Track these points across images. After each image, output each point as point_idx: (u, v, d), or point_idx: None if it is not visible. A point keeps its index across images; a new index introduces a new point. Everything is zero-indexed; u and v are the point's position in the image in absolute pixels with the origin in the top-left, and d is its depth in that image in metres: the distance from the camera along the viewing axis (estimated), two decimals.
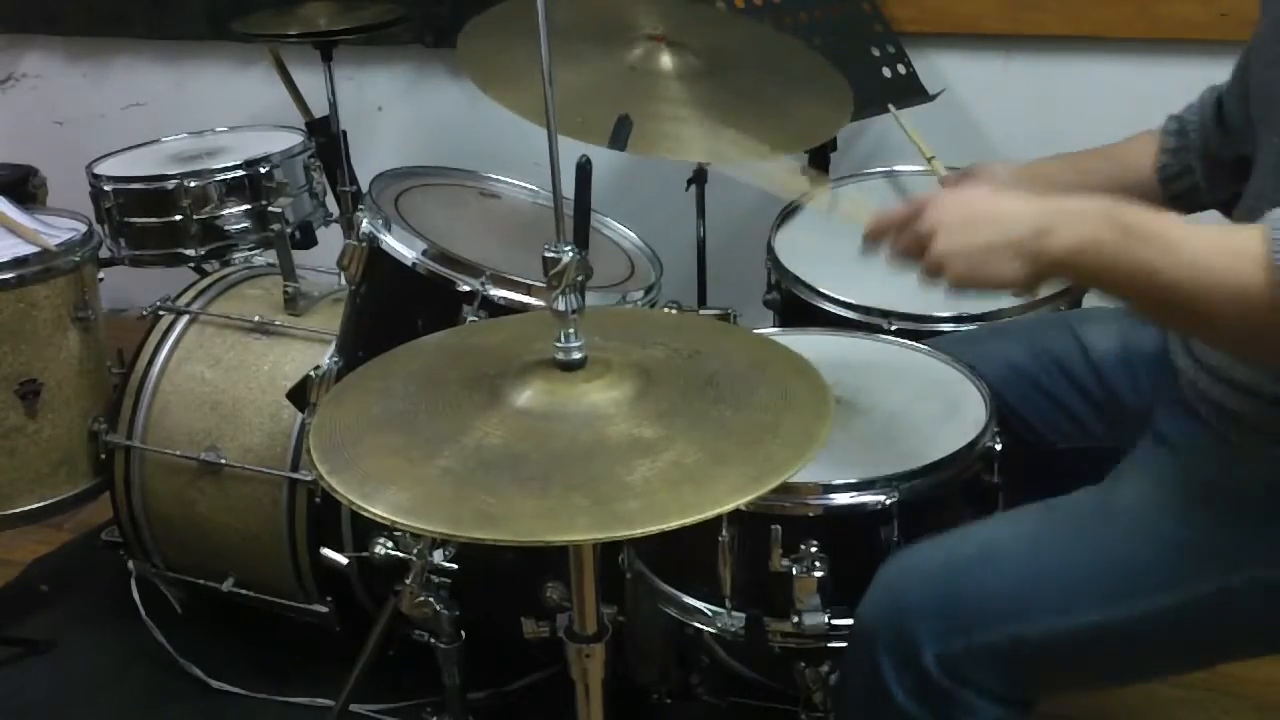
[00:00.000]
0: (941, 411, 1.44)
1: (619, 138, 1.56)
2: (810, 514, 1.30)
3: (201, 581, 2.03)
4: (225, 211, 2.20)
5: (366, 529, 1.67)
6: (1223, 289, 1.02)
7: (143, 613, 2.10)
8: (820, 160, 2.25)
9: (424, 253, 1.67)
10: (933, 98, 2.21)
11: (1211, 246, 1.04)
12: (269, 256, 2.21)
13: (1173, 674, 1.40)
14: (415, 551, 1.55)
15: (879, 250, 1.24)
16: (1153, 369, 1.40)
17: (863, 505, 1.29)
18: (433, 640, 1.62)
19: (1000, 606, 1.17)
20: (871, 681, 1.20)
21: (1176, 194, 1.44)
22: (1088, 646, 1.17)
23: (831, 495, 1.30)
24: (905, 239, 1.19)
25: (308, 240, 2.35)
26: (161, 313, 2.05)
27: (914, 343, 1.59)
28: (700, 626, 1.38)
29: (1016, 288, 1.14)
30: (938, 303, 1.69)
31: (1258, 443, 1.22)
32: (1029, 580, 1.19)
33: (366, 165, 2.35)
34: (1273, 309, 1.00)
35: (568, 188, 1.23)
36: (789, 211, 1.98)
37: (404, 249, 1.68)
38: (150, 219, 2.21)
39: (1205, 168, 1.42)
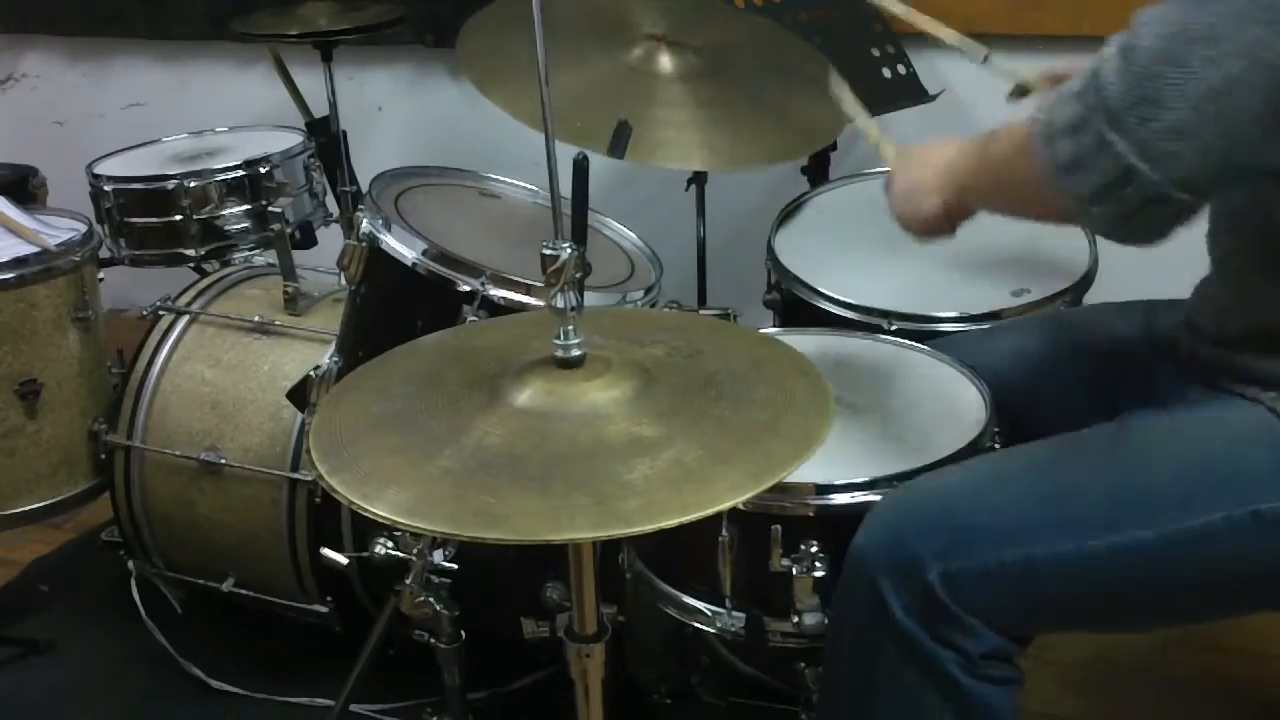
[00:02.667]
0: (941, 411, 1.44)
1: (618, 145, 1.55)
2: (810, 514, 1.30)
3: (201, 581, 2.03)
4: (225, 211, 2.21)
5: (366, 529, 1.67)
6: (1014, 151, 1.17)
7: (143, 613, 2.10)
8: (820, 162, 2.25)
9: (424, 253, 1.67)
10: (933, 98, 2.21)
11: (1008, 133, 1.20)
12: (269, 256, 2.21)
13: (1175, 621, 1.40)
14: (415, 551, 1.55)
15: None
16: (1165, 356, 1.40)
17: (863, 505, 1.29)
18: (433, 640, 1.62)
19: (1010, 528, 1.18)
20: (869, 603, 1.19)
21: None
22: (1093, 572, 1.16)
23: (831, 495, 1.30)
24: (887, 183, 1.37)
25: (308, 240, 2.35)
26: (161, 313, 2.05)
27: (914, 343, 1.59)
28: (700, 626, 1.38)
29: (939, 223, 1.30)
30: (938, 303, 1.70)
31: (1253, 391, 1.22)
32: (1037, 502, 1.19)
33: (366, 165, 2.35)
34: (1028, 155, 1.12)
35: (566, 187, 1.23)
36: (789, 211, 1.99)
37: (404, 249, 1.68)
38: (150, 219, 2.21)
39: None
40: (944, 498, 1.22)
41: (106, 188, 2.22)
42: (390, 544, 1.56)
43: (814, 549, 1.27)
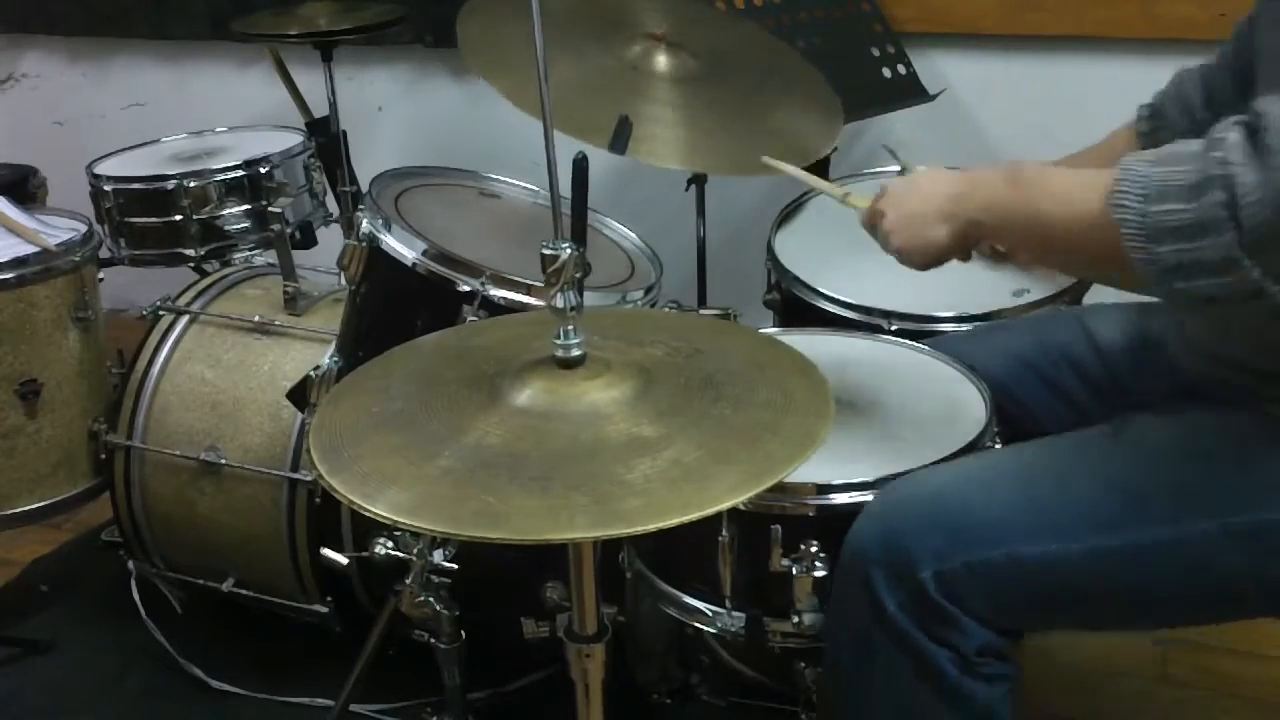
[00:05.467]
0: (941, 411, 1.44)
1: (620, 140, 1.55)
2: (810, 514, 1.30)
3: (201, 581, 2.03)
4: (225, 211, 2.21)
5: (366, 529, 1.67)
6: (1078, 219, 1.10)
7: (143, 613, 2.10)
8: (819, 163, 2.25)
9: (424, 253, 1.67)
10: (933, 98, 2.21)
11: (1074, 183, 1.13)
12: (269, 256, 2.21)
13: (1164, 624, 1.40)
14: (415, 551, 1.55)
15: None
16: (1155, 358, 1.40)
17: (863, 505, 1.29)
18: (433, 640, 1.62)
19: (999, 526, 1.19)
20: (862, 597, 1.20)
21: None
22: (1082, 574, 1.18)
23: (831, 495, 1.30)
24: (875, 226, 1.34)
25: (308, 240, 2.35)
26: (161, 313, 2.05)
27: (914, 343, 1.59)
28: (700, 626, 1.38)
29: (948, 252, 1.27)
30: (938, 303, 1.70)
31: (1254, 405, 1.23)
32: (1029, 502, 1.20)
33: (366, 165, 2.35)
34: (1105, 230, 1.05)
35: (566, 187, 1.23)
36: (789, 211, 1.98)
37: (404, 249, 1.68)
38: (150, 219, 2.22)
39: None
40: (936, 496, 1.23)
41: (106, 188, 2.22)
42: (390, 544, 1.56)
43: (814, 549, 1.27)
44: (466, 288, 1.63)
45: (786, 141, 1.72)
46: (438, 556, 1.55)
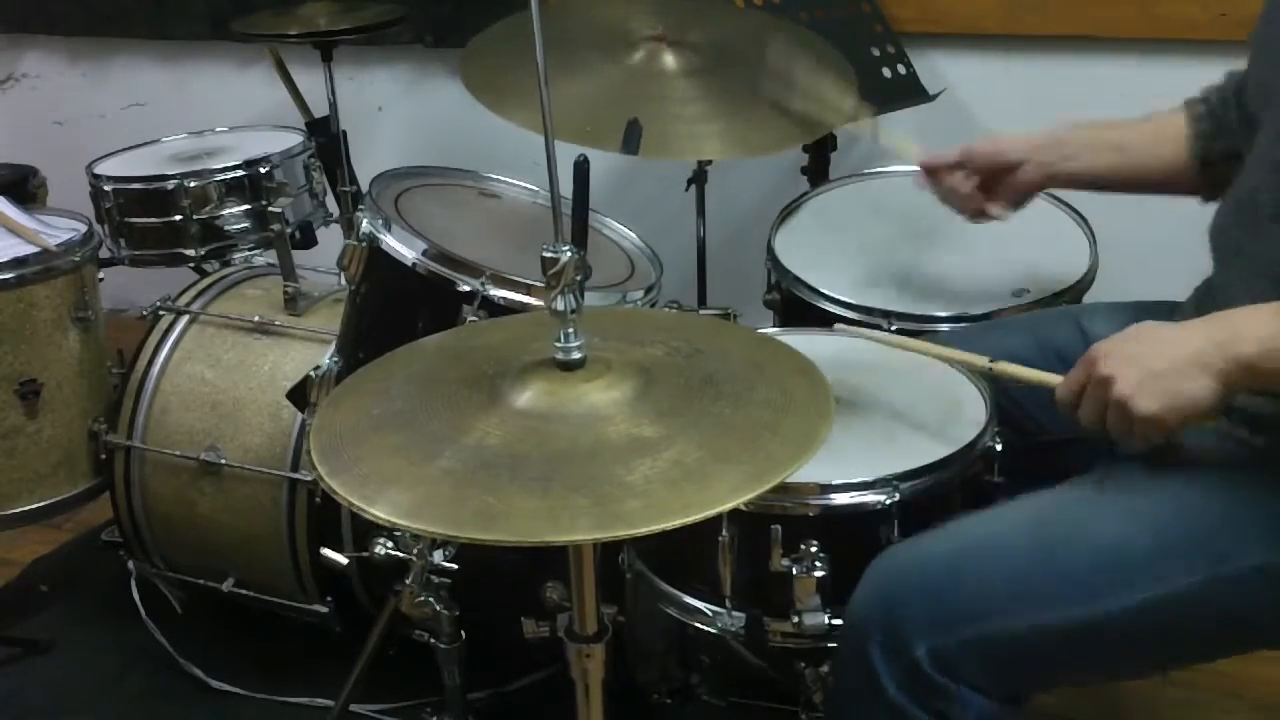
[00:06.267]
0: (941, 411, 1.44)
1: (630, 142, 1.56)
2: (810, 514, 1.30)
3: (201, 581, 2.03)
4: (225, 211, 2.21)
5: (366, 529, 1.67)
6: None
7: (143, 613, 2.10)
8: (820, 162, 2.25)
9: (424, 253, 1.67)
10: (933, 98, 2.21)
11: None
12: (269, 256, 2.21)
13: (1166, 669, 1.40)
14: (415, 551, 1.55)
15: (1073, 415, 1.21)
16: None
17: (863, 505, 1.29)
18: (433, 640, 1.62)
19: (990, 601, 1.17)
20: (863, 674, 1.19)
21: (1214, 169, 1.43)
22: (1078, 640, 1.17)
23: (831, 495, 1.30)
24: (1089, 399, 1.17)
25: (308, 240, 2.35)
26: (161, 313, 2.05)
27: None
28: (700, 626, 1.38)
29: (1214, 408, 1.12)
30: (938, 303, 1.70)
31: (1252, 431, 1.22)
32: (1019, 574, 1.19)
33: (366, 165, 2.35)
34: None
35: (566, 187, 1.23)
36: (789, 211, 1.99)
37: (404, 249, 1.68)
38: (150, 219, 2.22)
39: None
40: (928, 569, 1.21)
41: (106, 188, 2.22)
42: (390, 544, 1.56)
43: (814, 549, 1.27)
44: (466, 288, 1.63)
45: (810, 108, 1.73)
46: (438, 556, 1.55)
